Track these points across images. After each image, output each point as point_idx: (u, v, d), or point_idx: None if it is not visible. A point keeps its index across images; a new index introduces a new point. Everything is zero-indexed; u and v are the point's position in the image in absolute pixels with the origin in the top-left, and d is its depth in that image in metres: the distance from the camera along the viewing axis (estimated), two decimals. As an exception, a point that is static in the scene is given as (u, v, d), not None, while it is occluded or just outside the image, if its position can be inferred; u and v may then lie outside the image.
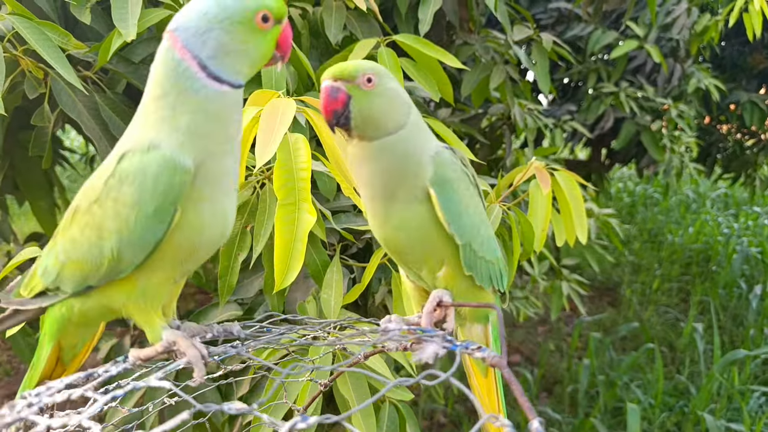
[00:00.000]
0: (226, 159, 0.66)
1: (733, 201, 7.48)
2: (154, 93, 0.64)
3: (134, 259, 0.64)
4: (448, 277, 0.78)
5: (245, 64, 0.65)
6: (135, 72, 1.38)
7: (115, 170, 0.63)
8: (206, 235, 0.66)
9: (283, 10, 0.66)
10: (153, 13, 1.27)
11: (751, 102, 4.02)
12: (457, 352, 0.60)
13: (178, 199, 0.61)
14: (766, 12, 2.78)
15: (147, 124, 0.64)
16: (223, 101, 0.64)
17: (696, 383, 3.72)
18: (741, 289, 4.95)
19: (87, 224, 0.65)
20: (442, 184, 0.74)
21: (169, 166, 0.61)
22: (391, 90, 0.73)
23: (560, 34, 3.29)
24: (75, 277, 0.67)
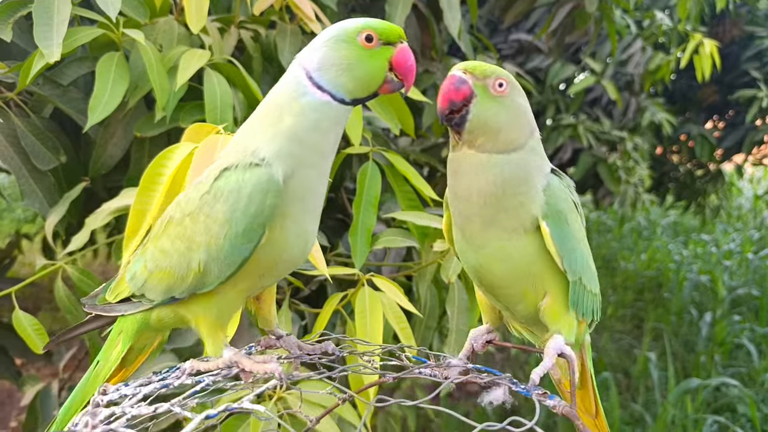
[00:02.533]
0: (316, 175, 0.67)
1: (683, 228, 7.70)
2: (271, 101, 0.69)
3: (220, 275, 0.66)
4: (552, 310, 0.72)
5: (348, 79, 0.67)
6: (63, 95, 1.25)
7: (212, 187, 0.66)
8: (288, 254, 0.68)
9: (392, 33, 0.69)
10: (82, 32, 1.15)
11: (701, 135, 4.15)
12: (535, 399, 0.60)
13: (267, 221, 0.64)
14: (715, 56, 2.87)
15: (254, 129, 0.68)
16: (324, 112, 0.67)
17: (651, 411, 3.73)
18: (691, 315, 5.04)
19: (178, 236, 0.67)
20: (556, 217, 0.68)
21: (263, 189, 0.63)
22: (520, 105, 0.70)
23: (521, 65, 3.32)
24: (161, 287, 0.70)
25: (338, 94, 0.67)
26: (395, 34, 0.69)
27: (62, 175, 1.33)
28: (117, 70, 1.17)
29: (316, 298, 1.33)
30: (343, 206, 1.69)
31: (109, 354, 0.77)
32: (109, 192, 1.32)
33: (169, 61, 1.21)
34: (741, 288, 5.41)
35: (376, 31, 0.68)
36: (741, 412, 3.68)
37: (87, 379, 0.77)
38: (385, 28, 0.69)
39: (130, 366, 0.82)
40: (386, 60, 0.68)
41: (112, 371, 0.76)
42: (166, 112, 1.17)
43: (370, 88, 0.69)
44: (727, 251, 6.43)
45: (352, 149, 1.38)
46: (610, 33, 2.27)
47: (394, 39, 0.69)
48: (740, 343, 4.51)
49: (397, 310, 1.12)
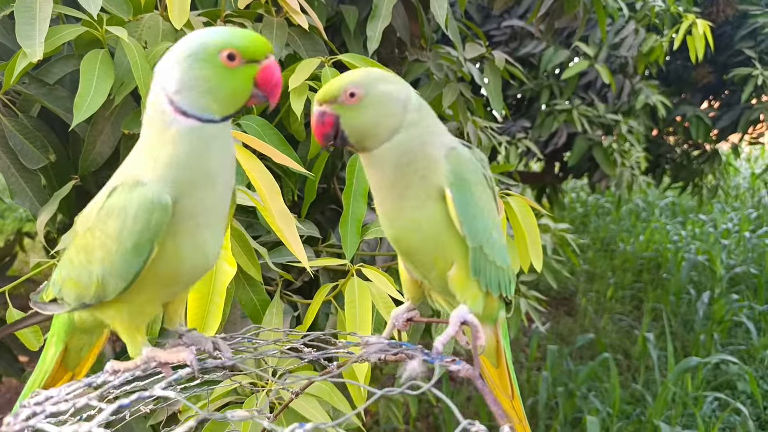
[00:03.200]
0: (208, 193, 0.67)
1: (681, 209, 7.70)
2: (145, 130, 0.68)
3: (116, 287, 0.68)
4: (458, 279, 0.76)
5: (212, 100, 0.65)
6: (50, 94, 1.25)
7: (105, 204, 0.67)
8: (187, 266, 0.70)
9: (257, 50, 0.66)
10: (65, 30, 1.15)
11: (697, 116, 4.13)
12: (436, 366, 0.64)
13: (155, 237, 0.65)
14: (708, 36, 2.86)
15: (135, 160, 0.68)
16: (196, 136, 0.65)
17: (651, 390, 3.76)
18: (690, 295, 5.07)
19: (81, 248, 0.70)
20: (460, 185, 0.72)
21: (147, 207, 0.64)
22: (377, 97, 0.72)
23: (513, 51, 3.30)
24: (72, 294, 0.73)
25: (204, 116, 0.65)
26: (260, 51, 0.66)
27: (52, 174, 1.33)
28: (101, 68, 1.17)
29: (309, 289, 1.34)
30: (336, 197, 1.70)
31: (45, 356, 0.80)
32: (99, 189, 1.33)
33: (154, 58, 1.21)
34: (739, 267, 5.43)
35: (239, 50, 0.65)
36: (741, 389, 3.72)
37: (27, 385, 0.81)
38: (248, 46, 0.65)
39: (78, 368, 0.85)
40: (251, 78, 0.66)
41: (49, 373, 0.79)
42: (152, 109, 1.17)
43: (237, 105, 0.67)
44: (725, 230, 6.44)
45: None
46: (600, 18, 2.26)
47: (258, 56, 0.66)
48: (739, 321, 4.54)
49: (387, 299, 1.13)
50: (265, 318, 1.09)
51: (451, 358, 0.67)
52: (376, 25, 1.62)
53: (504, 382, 0.89)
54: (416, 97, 0.75)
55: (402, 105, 0.72)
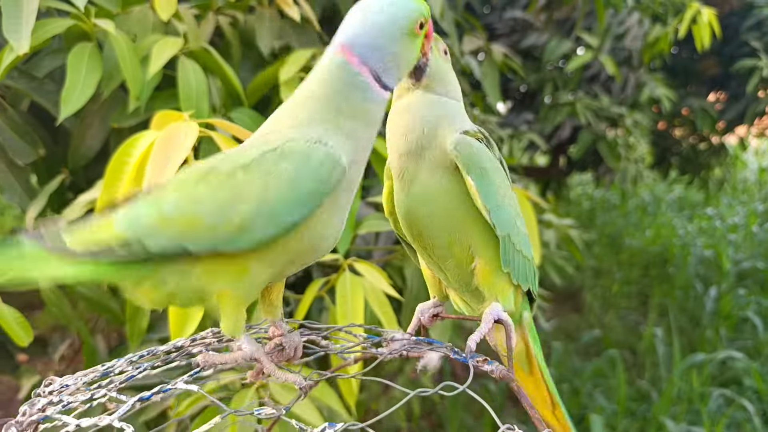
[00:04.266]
0: (361, 168, 0.66)
1: (687, 203, 7.64)
2: (317, 94, 0.64)
3: (262, 234, 0.59)
4: (485, 273, 0.71)
5: (405, 71, 0.67)
6: (39, 88, 1.24)
7: (280, 146, 0.61)
8: (325, 243, 0.65)
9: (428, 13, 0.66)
10: (53, 23, 1.13)
11: (702, 109, 4.09)
12: (470, 365, 0.62)
13: (330, 191, 0.61)
14: (714, 24, 2.81)
15: (307, 123, 0.63)
16: (381, 108, 0.66)
17: (657, 387, 3.73)
18: (697, 290, 5.02)
19: (224, 186, 0.61)
20: (479, 172, 0.69)
21: (333, 161, 0.61)
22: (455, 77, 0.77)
23: (516, 43, 3.26)
24: (183, 233, 0.60)
25: (391, 84, 0.66)
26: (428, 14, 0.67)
27: (43, 169, 1.32)
28: (89, 62, 1.15)
29: (303, 284, 1.32)
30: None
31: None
32: (90, 184, 1.32)
33: (142, 51, 1.19)
34: (746, 261, 5.38)
35: (425, 17, 0.66)
36: (747, 385, 3.68)
37: None
38: (428, 10, 0.66)
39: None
40: (422, 43, 0.67)
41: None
42: (140, 102, 1.15)
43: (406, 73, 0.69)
44: (732, 225, 6.37)
45: (332, 134, 1.36)
46: (598, 8, 2.22)
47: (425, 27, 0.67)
48: (746, 317, 4.49)
49: (380, 294, 1.11)
50: (255, 313, 1.08)
51: (483, 357, 0.65)
52: (372, 16, 1.60)
53: (541, 392, 0.81)
54: None
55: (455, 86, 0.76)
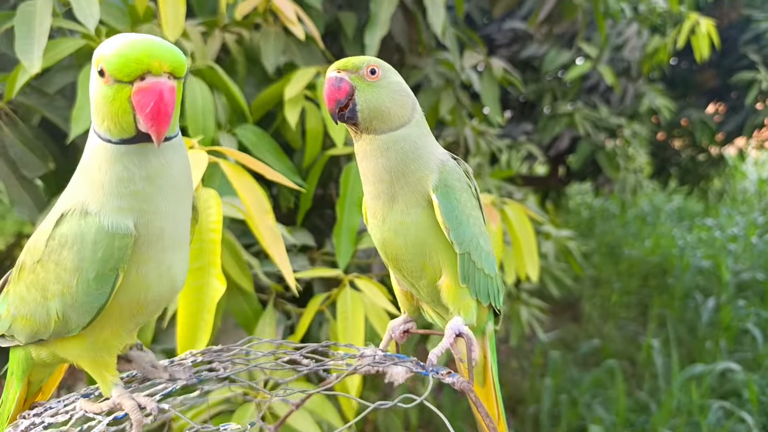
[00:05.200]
0: (164, 217, 0.62)
1: (687, 214, 7.65)
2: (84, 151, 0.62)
3: (80, 322, 0.63)
4: (449, 288, 0.76)
5: (103, 119, 0.58)
6: (50, 104, 1.27)
7: (54, 233, 0.61)
8: (153, 293, 0.64)
9: (124, 68, 0.55)
10: (64, 44, 1.16)
11: (702, 121, 4.11)
12: (429, 378, 0.65)
13: (119, 264, 0.60)
14: (712, 35, 2.84)
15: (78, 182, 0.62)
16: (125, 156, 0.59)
17: (656, 398, 3.73)
18: (696, 301, 5.02)
19: (32, 283, 0.64)
20: (445, 191, 0.73)
21: (108, 233, 0.59)
22: (395, 83, 0.73)
23: (515, 54, 3.29)
24: (25, 330, 0.67)
25: (105, 136, 0.59)
26: (130, 70, 0.55)
27: (52, 182, 1.35)
28: (99, 80, 1.18)
29: (304, 298, 1.34)
30: (332, 204, 1.70)
31: (6, 395, 0.75)
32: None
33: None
34: (746, 272, 5.38)
35: (106, 65, 0.55)
36: (746, 398, 3.68)
37: None
38: (115, 62, 0.55)
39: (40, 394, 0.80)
40: (126, 101, 0.56)
41: (13, 411, 0.73)
42: (148, 119, 1.18)
43: (127, 129, 0.57)
44: (732, 235, 6.38)
45: (335, 150, 1.39)
46: (599, 23, 2.26)
47: (127, 77, 0.55)
48: (745, 328, 4.49)
49: (380, 310, 1.13)
50: (258, 327, 1.10)
51: (446, 370, 0.67)
52: (375, 33, 1.63)
53: (490, 404, 0.86)
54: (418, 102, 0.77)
55: (411, 101, 0.74)
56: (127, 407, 0.64)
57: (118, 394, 0.65)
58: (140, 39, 0.57)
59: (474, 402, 0.62)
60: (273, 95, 1.38)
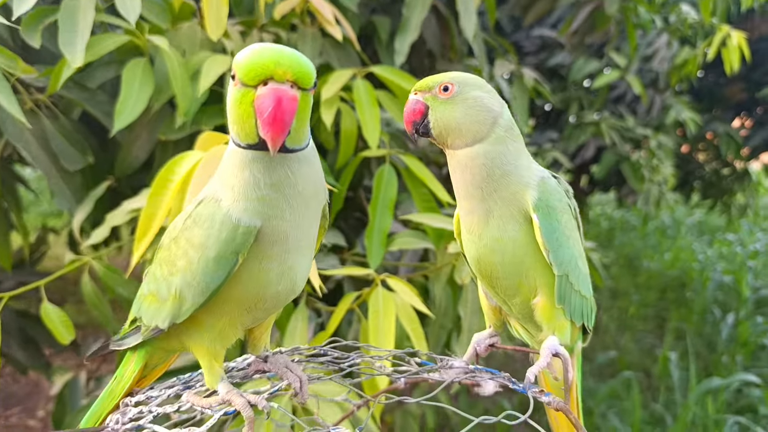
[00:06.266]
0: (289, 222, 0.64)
1: (707, 228, 7.56)
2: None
3: (194, 301, 0.64)
4: (544, 308, 0.75)
5: (232, 124, 0.61)
6: (91, 99, 1.29)
7: (193, 212, 0.65)
8: (272, 290, 0.66)
9: (251, 72, 0.56)
10: (107, 39, 1.18)
11: (727, 134, 4.07)
12: (529, 395, 0.65)
13: (239, 251, 0.62)
14: (743, 48, 2.80)
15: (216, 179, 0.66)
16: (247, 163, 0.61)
17: (672, 411, 3.69)
18: (715, 316, 4.96)
19: (164, 259, 0.67)
20: (546, 210, 0.72)
21: (233, 223, 0.62)
22: (471, 99, 0.72)
23: (543, 62, 3.28)
24: (149, 311, 0.70)
25: (237, 141, 0.61)
26: (255, 74, 0.56)
27: (89, 175, 1.37)
28: (142, 76, 1.21)
29: (334, 297, 1.35)
30: (362, 206, 1.71)
31: (123, 372, 0.77)
32: (134, 191, 1.37)
33: (192, 67, 1.24)
34: (765, 288, 5.30)
35: (236, 69, 0.57)
36: (762, 413, 3.63)
37: (105, 393, 0.78)
38: (244, 65, 0.57)
39: (153, 373, 0.82)
40: (249, 105, 0.57)
41: (127, 388, 0.76)
42: (187, 117, 1.20)
43: (250, 133, 0.59)
44: (753, 251, 6.30)
45: (368, 152, 1.40)
46: (630, 35, 2.24)
47: (252, 81, 0.57)
48: (763, 344, 4.43)
49: (410, 310, 1.14)
50: (289, 324, 1.11)
51: (539, 388, 0.68)
52: (405, 38, 1.64)
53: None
54: (510, 118, 0.74)
55: (492, 117, 0.72)
56: (237, 404, 0.65)
57: (226, 390, 0.66)
58: (270, 46, 0.58)
59: (575, 424, 0.63)
60: (309, 96, 1.39)
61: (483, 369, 0.74)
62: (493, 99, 0.73)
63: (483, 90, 0.73)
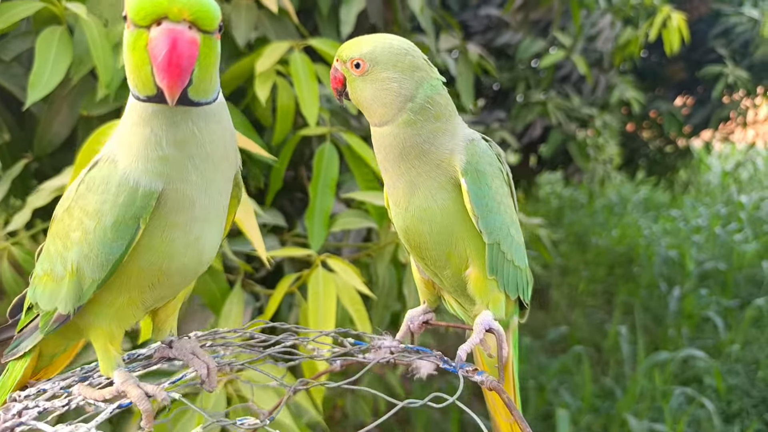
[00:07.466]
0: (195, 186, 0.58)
1: (653, 204, 7.82)
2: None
3: (93, 277, 0.58)
4: (477, 280, 0.71)
5: (128, 73, 0.54)
6: (6, 71, 1.20)
7: (85, 177, 0.59)
8: (177, 263, 0.60)
9: (138, 12, 0.50)
10: (22, 5, 1.10)
11: (670, 113, 4.19)
12: (460, 375, 0.61)
13: (140, 215, 0.56)
14: (683, 29, 2.88)
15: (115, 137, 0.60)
16: (144, 118, 0.55)
17: (621, 384, 3.82)
18: (661, 290, 5.15)
19: (56, 233, 0.61)
20: (475, 176, 0.68)
21: (132, 186, 0.56)
22: (380, 80, 0.68)
23: (490, 41, 3.29)
24: (46, 295, 0.63)
25: (133, 92, 0.55)
26: (147, 12, 0.50)
27: (6, 153, 1.28)
28: (59, 46, 1.12)
29: (273, 279, 1.31)
30: (303, 185, 1.67)
31: (13, 365, 0.70)
32: (57, 171, 1.28)
33: (115, 37, 1.17)
34: (708, 262, 5.53)
35: (128, 8, 0.51)
36: (707, 384, 3.79)
37: None
38: (134, 3, 0.50)
39: (55, 364, 0.75)
40: (143, 49, 0.51)
41: (18, 381, 0.69)
42: (110, 90, 1.13)
43: (148, 87, 0.52)
44: (696, 226, 6.55)
45: (307, 130, 1.35)
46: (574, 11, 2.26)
47: (143, 20, 0.50)
48: (707, 316, 4.63)
49: (352, 291, 1.11)
50: (224, 308, 1.07)
51: (472, 366, 0.64)
52: (350, 9, 1.60)
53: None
54: (429, 96, 0.68)
55: (400, 101, 0.67)
56: (133, 396, 0.59)
57: (122, 380, 0.60)
58: None
59: (507, 404, 0.59)
60: (244, 69, 1.33)
61: (413, 348, 0.71)
62: (405, 80, 0.67)
63: (396, 69, 0.67)
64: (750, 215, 6.68)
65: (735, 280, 5.12)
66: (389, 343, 0.72)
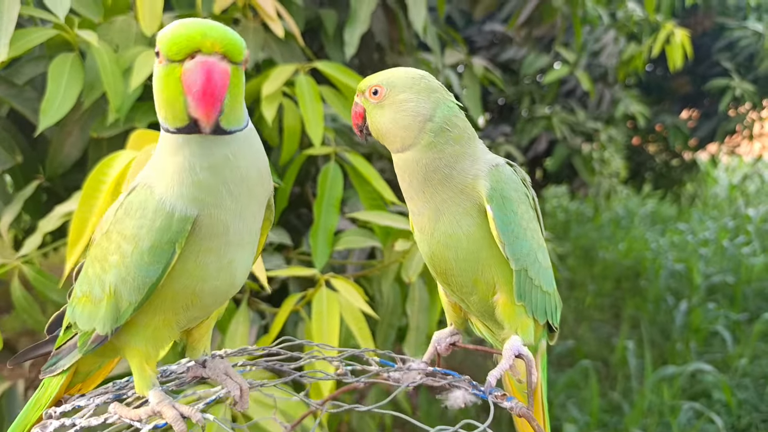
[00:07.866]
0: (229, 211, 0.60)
1: (660, 218, 7.79)
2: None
3: (131, 299, 0.60)
4: (505, 306, 0.71)
5: (159, 106, 0.57)
6: (19, 95, 1.23)
7: (124, 201, 0.61)
8: (209, 286, 0.62)
9: (174, 46, 0.53)
10: (34, 33, 1.13)
11: (675, 126, 4.19)
12: (490, 402, 0.62)
13: (176, 240, 0.57)
14: (686, 45, 2.89)
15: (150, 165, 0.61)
16: (185, 147, 0.56)
17: (629, 399, 3.79)
18: (668, 303, 5.12)
19: (95, 256, 0.63)
20: (501, 202, 0.68)
21: (168, 211, 0.58)
22: (398, 102, 0.69)
23: (495, 57, 3.32)
24: (84, 316, 0.64)
25: (165, 125, 0.57)
26: (181, 47, 0.52)
27: (19, 174, 1.31)
28: (71, 72, 1.15)
29: (278, 298, 1.32)
30: (309, 203, 1.69)
31: (50, 380, 0.71)
32: (68, 192, 1.31)
33: (125, 62, 1.20)
34: (716, 276, 5.50)
35: (160, 44, 0.53)
36: (716, 398, 3.76)
37: (30, 403, 0.72)
38: (169, 39, 0.53)
39: (89, 380, 0.76)
40: (177, 82, 0.53)
41: (54, 397, 0.70)
42: (120, 114, 1.15)
43: (178, 115, 0.54)
44: (703, 240, 6.52)
45: (312, 150, 1.37)
46: (576, 28, 2.28)
47: (177, 55, 0.53)
48: (715, 330, 4.59)
49: (356, 310, 1.12)
50: (230, 326, 1.08)
51: (501, 392, 0.64)
52: (354, 30, 1.62)
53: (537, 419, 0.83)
54: (446, 117, 0.69)
55: (419, 121, 0.68)
56: (168, 417, 0.60)
57: (158, 400, 0.62)
58: (195, 19, 0.55)
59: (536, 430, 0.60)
60: (251, 91, 1.36)
61: (443, 371, 0.71)
62: (422, 100, 0.69)
63: (412, 91, 0.69)
64: (758, 228, 6.64)
65: (743, 293, 5.09)
66: (418, 364, 0.72)
